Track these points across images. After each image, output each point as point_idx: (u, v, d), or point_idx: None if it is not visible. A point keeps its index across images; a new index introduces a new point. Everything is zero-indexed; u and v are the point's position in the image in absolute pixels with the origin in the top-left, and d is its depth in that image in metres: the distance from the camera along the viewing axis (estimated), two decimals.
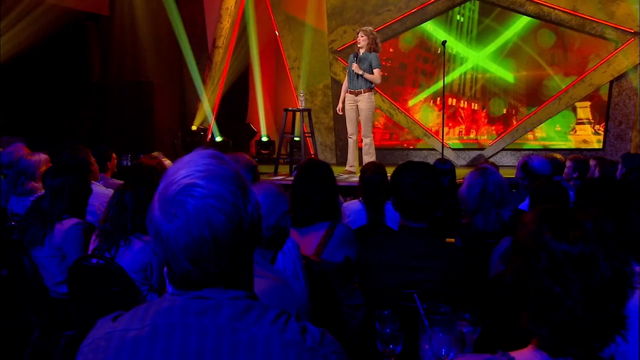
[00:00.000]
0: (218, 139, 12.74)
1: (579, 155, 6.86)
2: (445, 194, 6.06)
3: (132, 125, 11.07)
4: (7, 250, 4.13)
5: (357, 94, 8.50)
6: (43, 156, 5.39)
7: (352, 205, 4.68)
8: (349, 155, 8.82)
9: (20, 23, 9.42)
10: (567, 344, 1.33)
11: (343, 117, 13.25)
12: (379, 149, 8.78)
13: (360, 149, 8.80)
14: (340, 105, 8.73)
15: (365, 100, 8.46)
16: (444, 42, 8.81)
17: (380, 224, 4.37)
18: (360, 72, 8.32)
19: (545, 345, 1.36)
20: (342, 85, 13.08)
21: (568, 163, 6.25)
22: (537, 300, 1.33)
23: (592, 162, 6.50)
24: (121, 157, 10.26)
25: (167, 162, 6.51)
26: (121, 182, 6.21)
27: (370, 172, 4.74)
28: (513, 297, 1.38)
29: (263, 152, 13.34)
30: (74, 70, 10.61)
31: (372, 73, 8.40)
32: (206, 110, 12.59)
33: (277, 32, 13.56)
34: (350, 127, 8.72)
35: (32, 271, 3.71)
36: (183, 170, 1.32)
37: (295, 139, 13.56)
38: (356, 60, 8.41)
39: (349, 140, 8.80)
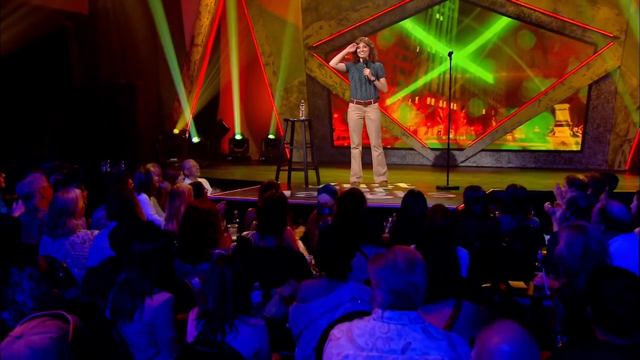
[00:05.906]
0: (195, 139, 12.30)
1: (595, 173, 6.62)
2: (480, 222, 5.96)
3: (113, 129, 10.53)
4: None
5: (366, 105, 8.44)
6: (77, 191, 5.07)
7: None
8: (353, 166, 8.70)
9: None
10: None
11: (319, 114, 13.11)
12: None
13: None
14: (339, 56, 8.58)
15: (375, 111, 8.51)
16: (450, 54, 8.65)
17: None
18: (373, 78, 8.32)
19: None
20: (318, 81, 12.91)
21: (565, 182, 6.01)
22: None
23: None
24: (100, 162, 9.80)
25: (184, 184, 6.21)
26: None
27: (440, 216, 4.47)
28: None
29: (237, 150, 13.02)
30: (54, 73, 10.00)
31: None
32: (184, 111, 12.14)
33: (250, 27, 13.17)
34: (357, 138, 8.60)
35: (123, 347, 3.41)
36: None
37: (270, 136, 13.31)
38: (367, 66, 8.31)
39: (354, 151, 8.67)
